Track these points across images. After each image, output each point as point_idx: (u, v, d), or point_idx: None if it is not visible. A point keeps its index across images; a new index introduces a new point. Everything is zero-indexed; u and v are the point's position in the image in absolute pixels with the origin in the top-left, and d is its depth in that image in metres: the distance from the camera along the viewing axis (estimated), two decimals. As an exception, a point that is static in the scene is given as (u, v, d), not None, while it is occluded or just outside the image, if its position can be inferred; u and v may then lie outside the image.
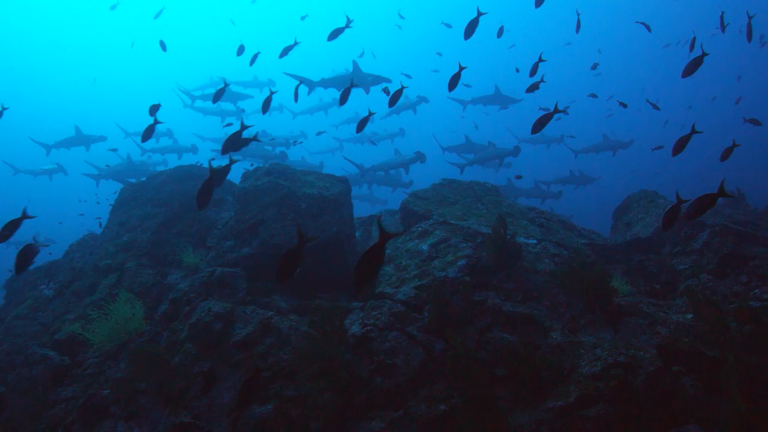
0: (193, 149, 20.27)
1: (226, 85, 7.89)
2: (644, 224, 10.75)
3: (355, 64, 16.54)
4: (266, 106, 9.71)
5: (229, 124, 17.04)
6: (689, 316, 7.48)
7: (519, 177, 21.05)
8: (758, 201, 12.73)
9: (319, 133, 18.54)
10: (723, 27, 12.47)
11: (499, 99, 19.80)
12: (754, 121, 11.83)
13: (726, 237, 9.18)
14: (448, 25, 26.99)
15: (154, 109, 9.37)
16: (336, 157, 26.06)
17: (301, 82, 15.64)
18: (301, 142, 18.99)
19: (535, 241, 9.07)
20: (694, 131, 7.45)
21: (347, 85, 14.06)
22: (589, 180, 21.97)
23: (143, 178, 12.99)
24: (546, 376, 6.11)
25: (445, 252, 8.02)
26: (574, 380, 5.97)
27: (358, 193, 21.10)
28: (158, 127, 22.21)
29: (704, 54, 8.54)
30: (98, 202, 13.01)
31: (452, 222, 8.94)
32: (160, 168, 16.36)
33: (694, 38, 11.22)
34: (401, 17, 33.16)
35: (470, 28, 9.89)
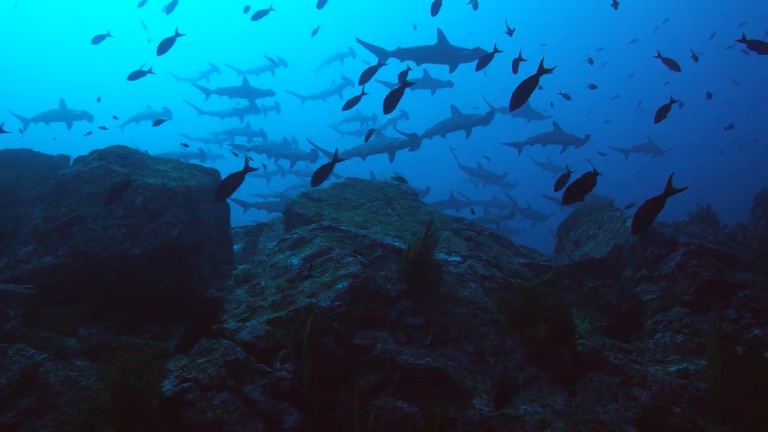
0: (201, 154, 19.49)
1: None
2: (597, 242, 8.53)
3: (440, 33, 12.13)
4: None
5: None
6: (673, 368, 5.19)
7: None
8: (726, 219, 10.77)
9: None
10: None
11: (527, 113, 17.52)
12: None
13: (704, 259, 7.01)
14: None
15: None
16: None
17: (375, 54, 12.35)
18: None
19: (458, 259, 6.67)
20: None
21: (431, 59, 12.08)
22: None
23: None
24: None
25: (322, 269, 5.39)
26: (508, 487, 3.51)
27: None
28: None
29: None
30: None
31: (343, 228, 6.37)
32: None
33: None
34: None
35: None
